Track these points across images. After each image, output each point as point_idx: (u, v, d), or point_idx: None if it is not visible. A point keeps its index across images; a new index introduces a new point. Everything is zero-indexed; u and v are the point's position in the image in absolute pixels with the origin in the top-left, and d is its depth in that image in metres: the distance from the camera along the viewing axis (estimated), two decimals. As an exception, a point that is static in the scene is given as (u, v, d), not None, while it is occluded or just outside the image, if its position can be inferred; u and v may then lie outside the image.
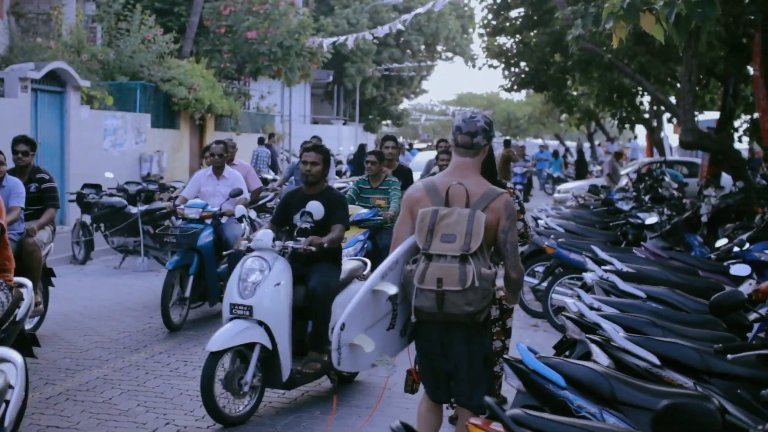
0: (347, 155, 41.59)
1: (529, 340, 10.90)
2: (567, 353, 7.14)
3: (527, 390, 5.63)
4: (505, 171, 27.17)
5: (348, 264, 9.36)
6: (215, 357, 7.90)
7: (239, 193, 12.60)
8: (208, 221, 12.13)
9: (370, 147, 37.78)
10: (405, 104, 77.19)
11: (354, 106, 59.41)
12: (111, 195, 17.71)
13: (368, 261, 9.86)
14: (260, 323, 8.17)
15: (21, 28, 25.66)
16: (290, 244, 8.52)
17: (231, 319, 8.25)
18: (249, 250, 8.71)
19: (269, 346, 8.16)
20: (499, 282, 6.07)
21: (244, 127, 32.90)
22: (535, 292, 13.25)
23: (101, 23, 28.10)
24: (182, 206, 12.28)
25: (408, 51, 63.18)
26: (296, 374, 8.44)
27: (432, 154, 25.74)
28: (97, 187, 17.86)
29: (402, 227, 6.14)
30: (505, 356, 6.00)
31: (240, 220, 12.68)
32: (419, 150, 44.51)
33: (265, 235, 8.58)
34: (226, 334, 7.98)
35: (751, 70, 19.37)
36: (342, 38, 35.10)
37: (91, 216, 17.22)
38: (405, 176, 14.20)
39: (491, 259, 5.93)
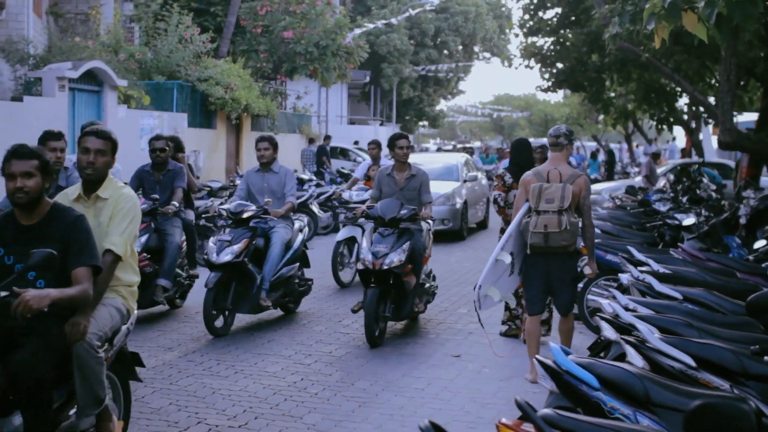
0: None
1: (564, 341, 10.81)
2: (602, 354, 7.05)
3: (560, 391, 5.57)
4: None
5: None
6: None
7: None
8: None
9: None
10: (442, 105, 77.19)
11: (391, 107, 59.44)
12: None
13: None
14: None
15: (59, 28, 25.82)
16: None
17: None
18: None
19: None
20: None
21: (280, 127, 32.96)
22: (570, 294, 13.13)
23: (139, 23, 28.24)
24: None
25: (445, 51, 63.14)
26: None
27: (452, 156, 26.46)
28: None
29: (520, 200, 9.61)
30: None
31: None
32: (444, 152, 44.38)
33: None
34: None
35: (791, 70, 19.17)
36: (373, 25, 35.16)
37: (127, 215, 17.28)
38: None
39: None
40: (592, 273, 9.85)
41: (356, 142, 42.71)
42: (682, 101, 31.97)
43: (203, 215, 16.76)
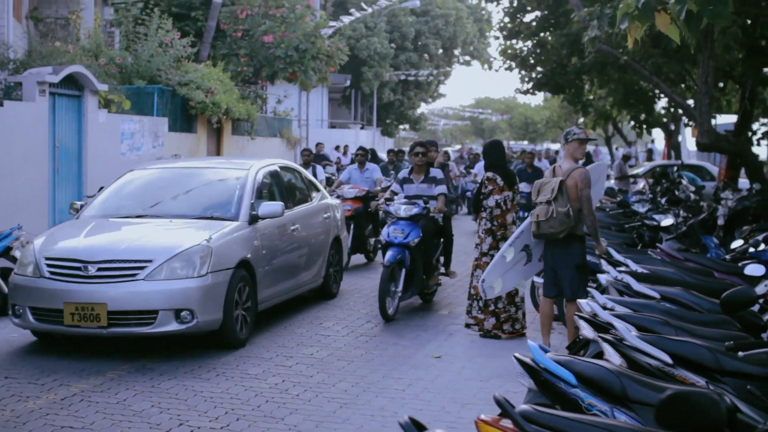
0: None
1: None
2: (581, 353, 7.12)
3: (538, 388, 5.63)
4: None
5: None
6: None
7: None
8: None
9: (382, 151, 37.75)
10: (423, 108, 77.17)
11: (371, 111, 59.43)
12: (128, 198, 17.75)
13: None
14: None
15: (39, 33, 25.76)
16: None
17: None
18: None
19: None
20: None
21: (260, 131, 32.93)
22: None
23: (119, 27, 28.16)
24: None
25: (425, 55, 63.18)
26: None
27: None
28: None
29: None
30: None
31: None
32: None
33: None
34: None
35: (768, 72, 19.33)
36: (347, 19, 35.41)
37: (108, 219, 17.26)
38: None
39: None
40: (599, 254, 10.50)
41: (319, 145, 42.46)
42: (661, 104, 32.14)
43: None
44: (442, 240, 14.12)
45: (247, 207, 11.91)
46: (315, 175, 19.84)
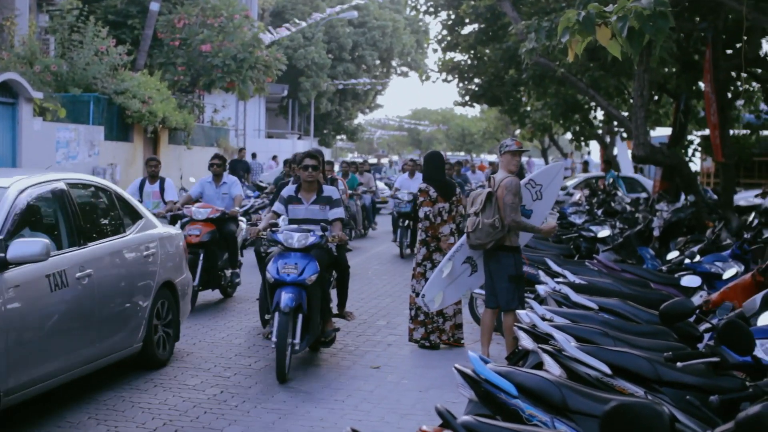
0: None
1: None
2: (520, 364, 7.15)
3: (479, 399, 5.62)
4: None
5: None
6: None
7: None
8: None
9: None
10: (360, 119, 77.33)
11: (309, 121, 59.40)
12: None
13: None
14: None
15: (-28, 39, 25.45)
16: None
17: None
18: None
19: None
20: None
21: (197, 141, 32.79)
22: (488, 305, 13.27)
23: (54, 35, 27.90)
24: None
25: (363, 66, 63.30)
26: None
27: None
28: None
29: None
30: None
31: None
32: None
33: None
34: None
35: (702, 86, 19.57)
36: (284, 32, 35.33)
37: (42, 228, 16.95)
38: None
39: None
40: (550, 231, 11.03)
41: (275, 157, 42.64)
42: (599, 116, 32.45)
43: None
44: (334, 273, 11.51)
45: None
46: (162, 191, 15.73)
